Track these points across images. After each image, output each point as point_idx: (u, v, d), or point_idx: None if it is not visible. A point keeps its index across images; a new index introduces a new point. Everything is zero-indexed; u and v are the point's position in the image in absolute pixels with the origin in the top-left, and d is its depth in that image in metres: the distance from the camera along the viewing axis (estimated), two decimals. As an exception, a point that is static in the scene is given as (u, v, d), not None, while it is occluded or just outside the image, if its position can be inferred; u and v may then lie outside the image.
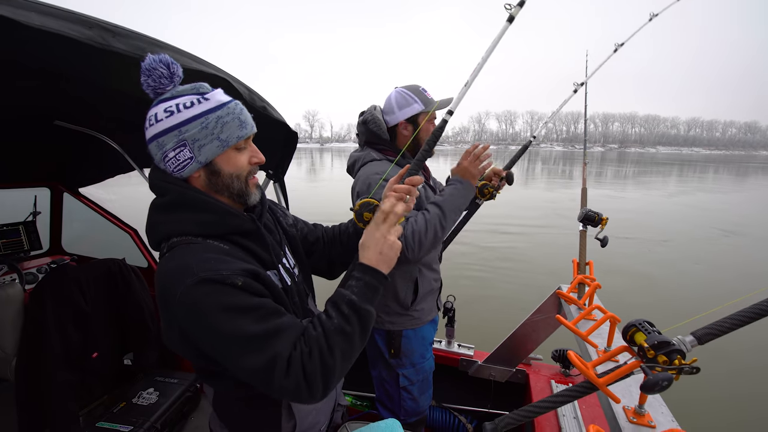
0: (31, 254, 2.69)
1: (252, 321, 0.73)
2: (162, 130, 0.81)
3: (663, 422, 0.81)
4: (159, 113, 0.81)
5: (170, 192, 0.84)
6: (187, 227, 0.83)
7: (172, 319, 0.77)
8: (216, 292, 0.72)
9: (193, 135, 0.80)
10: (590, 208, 1.58)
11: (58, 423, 1.71)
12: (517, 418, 0.81)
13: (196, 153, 0.82)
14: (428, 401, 1.73)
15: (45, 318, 1.71)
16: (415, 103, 1.51)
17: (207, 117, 0.81)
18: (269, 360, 0.71)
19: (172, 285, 0.74)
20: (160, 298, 0.77)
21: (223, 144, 0.83)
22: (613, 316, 1.03)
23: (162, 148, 0.82)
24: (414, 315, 1.61)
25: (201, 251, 0.79)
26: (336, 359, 0.76)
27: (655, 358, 0.70)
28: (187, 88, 0.83)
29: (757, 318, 0.70)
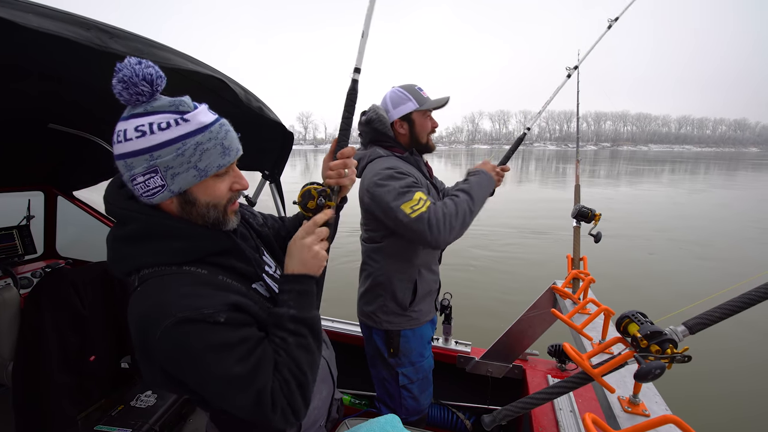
0: (26, 258, 2.67)
1: (236, 360, 0.70)
2: (130, 151, 0.70)
3: (657, 411, 0.83)
4: (129, 131, 0.70)
5: (134, 221, 0.75)
6: (158, 258, 0.75)
7: (153, 361, 0.72)
8: (197, 332, 0.68)
9: (166, 162, 0.71)
10: (584, 204, 1.61)
11: (56, 427, 1.70)
12: (514, 410, 0.83)
13: (168, 182, 0.72)
14: (429, 399, 1.74)
15: (42, 322, 1.70)
16: (410, 101, 1.52)
17: (184, 142, 0.71)
18: (255, 396, 0.71)
19: (149, 326, 0.68)
20: (137, 341, 0.71)
21: (201, 174, 0.74)
22: (607, 309, 1.05)
23: (130, 169, 0.72)
24: (412, 315, 1.62)
25: (177, 285, 0.72)
26: (307, 375, 0.77)
27: (648, 348, 0.72)
28: (165, 103, 0.73)
29: (746, 307, 0.72)
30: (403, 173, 1.43)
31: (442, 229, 1.31)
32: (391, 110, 1.55)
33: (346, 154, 0.94)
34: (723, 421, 2.99)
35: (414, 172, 1.51)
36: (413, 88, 1.56)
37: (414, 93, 1.54)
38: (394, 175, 1.41)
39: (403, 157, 1.56)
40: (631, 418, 0.81)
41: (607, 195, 15.45)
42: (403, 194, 1.36)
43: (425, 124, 1.56)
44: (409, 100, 1.53)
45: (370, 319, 1.65)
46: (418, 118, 1.55)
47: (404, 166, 1.49)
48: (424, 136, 1.58)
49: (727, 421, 3.01)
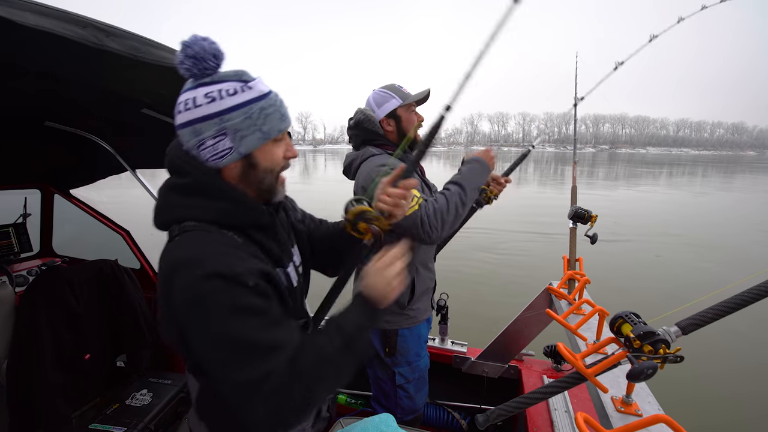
0: (22, 256, 2.66)
1: (257, 328, 0.68)
2: (201, 116, 0.75)
3: (649, 411, 0.84)
4: (198, 98, 0.75)
5: (191, 175, 0.78)
6: (204, 213, 0.78)
7: (173, 310, 0.71)
8: (225, 289, 0.67)
9: (235, 125, 0.75)
10: (580, 205, 1.62)
11: (50, 425, 1.69)
12: (508, 409, 0.83)
13: (236, 143, 0.77)
14: (424, 399, 1.75)
15: (37, 320, 1.70)
16: (393, 99, 1.56)
17: (251, 107, 0.76)
18: (262, 376, 0.65)
19: (179, 273, 0.69)
20: (163, 286, 0.71)
21: (265, 136, 0.78)
22: (602, 310, 1.05)
23: (198, 134, 0.76)
24: (410, 314, 1.62)
25: (215, 242, 0.75)
26: (318, 393, 0.71)
27: (641, 348, 0.72)
28: (230, 73, 0.78)
29: (739, 308, 0.73)
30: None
31: (434, 225, 1.33)
32: (376, 110, 1.58)
33: (409, 185, 0.94)
34: (720, 424, 3.01)
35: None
36: (394, 86, 1.59)
37: (395, 90, 1.58)
38: (388, 172, 1.42)
39: (400, 157, 1.57)
40: (624, 417, 0.82)
41: (604, 197, 15.49)
42: None
43: (411, 119, 1.59)
44: (392, 98, 1.56)
45: None
46: (403, 113, 1.57)
47: (397, 163, 1.50)
48: (412, 131, 1.60)
49: (725, 423, 3.03)
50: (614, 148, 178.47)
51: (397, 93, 1.57)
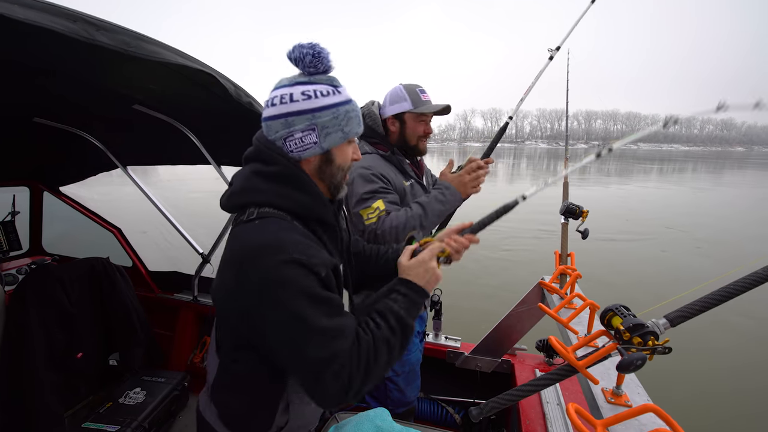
0: (10, 255, 2.63)
1: (325, 314, 0.75)
2: (295, 111, 0.82)
3: (639, 402, 0.86)
4: (296, 94, 0.82)
5: (280, 164, 0.85)
6: (284, 202, 0.84)
7: (242, 286, 0.77)
8: (301, 276, 0.74)
9: (324, 122, 0.83)
10: (571, 201, 1.63)
11: (41, 424, 1.68)
12: (501, 402, 0.84)
13: (321, 139, 0.84)
14: (415, 392, 1.76)
15: (27, 318, 1.68)
16: (405, 102, 1.51)
17: (338, 109, 0.85)
18: (330, 356, 0.72)
19: (260, 255, 0.75)
20: (237, 261, 0.78)
21: (344, 136, 0.87)
22: (593, 303, 1.07)
23: (289, 127, 0.83)
24: None
25: (293, 232, 0.81)
26: (379, 368, 0.78)
27: (631, 340, 0.74)
28: (323, 77, 0.85)
29: (724, 300, 0.75)
30: (376, 176, 1.46)
31: (388, 239, 1.38)
32: (387, 106, 1.56)
33: (473, 241, 1.01)
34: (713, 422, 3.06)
35: (390, 173, 1.53)
36: (414, 89, 1.54)
37: (412, 94, 1.52)
38: (367, 176, 1.45)
39: (385, 155, 1.57)
40: (614, 408, 0.83)
41: (597, 193, 15.63)
42: (365, 200, 1.42)
43: (416, 128, 1.55)
44: (404, 100, 1.51)
45: None
46: (410, 120, 1.54)
47: (382, 167, 1.51)
48: (414, 139, 1.57)
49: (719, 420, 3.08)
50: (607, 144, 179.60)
51: (411, 96, 1.51)
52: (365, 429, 0.99)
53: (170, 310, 2.54)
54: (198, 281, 2.48)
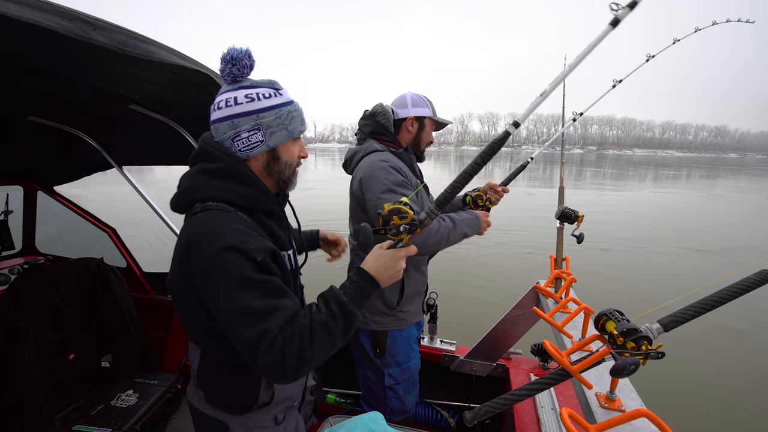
0: (3, 254, 2.60)
1: (257, 296, 0.80)
2: (240, 113, 0.89)
3: (632, 407, 0.86)
4: (239, 97, 0.89)
5: (222, 161, 0.91)
6: (226, 195, 0.90)
7: (188, 274, 0.84)
8: (236, 261, 0.80)
9: (268, 122, 0.91)
10: (567, 205, 1.64)
11: (31, 427, 1.66)
12: (495, 406, 0.84)
13: (266, 138, 0.92)
14: (414, 400, 1.75)
15: (19, 318, 1.66)
16: (426, 108, 1.64)
17: (281, 109, 0.92)
18: (259, 334, 0.77)
19: (200, 243, 0.82)
20: (183, 252, 0.85)
21: (289, 134, 0.94)
22: (587, 308, 1.07)
23: (236, 128, 0.90)
24: (399, 316, 1.63)
25: (233, 221, 0.87)
26: (314, 351, 0.80)
27: (624, 345, 0.74)
28: (264, 81, 0.93)
29: (717, 305, 0.75)
30: (396, 169, 1.47)
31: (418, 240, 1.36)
32: (410, 107, 1.62)
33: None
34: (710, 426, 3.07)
35: (406, 169, 1.55)
36: (430, 100, 1.68)
37: (430, 103, 1.67)
38: (388, 169, 1.46)
39: (397, 153, 1.59)
40: (608, 413, 0.83)
41: (588, 198, 15.71)
42: (391, 191, 1.40)
43: (430, 134, 1.69)
44: (426, 106, 1.64)
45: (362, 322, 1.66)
46: (428, 125, 1.67)
47: (398, 162, 1.52)
48: (424, 144, 1.70)
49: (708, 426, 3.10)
50: (602, 149, 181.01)
51: (431, 106, 1.66)
52: (359, 433, 0.99)
53: (164, 311, 2.52)
54: None
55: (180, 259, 0.86)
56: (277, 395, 1.04)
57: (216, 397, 1.02)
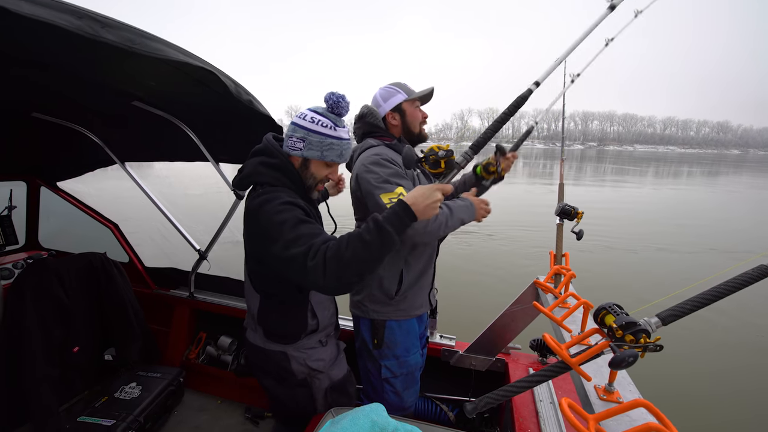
0: (7, 249, 2.62)
1: (305, 228, 1.07)
2: (301, 125, 1.21)
3: (630, 398, 0.87)
4: (308, 116, 1.21)
5: (279, 158, 1.23)
6: (277, 182, 1.21)
7: (258, 231, 1.13)
8: (292, 209, 1.11)
9: (311, 141, 1.21)
10: (567, 202, 1.65)
11: (37, 418, 1.68)
12: (495, 397, 0.86)
13: (304, 149, 1.22)
14: (413, 398, 1.73)
15: (24, 312, 1.68)
16: (398, 93, 1.60)
17: (326, 138, 1.21)
18: (307, 248, 1.02)
19: (266, 205, 1.11)
20: (253, 216, 1.14)
21: (321, 156, 1.23)
22: (586, 302, 1.08)
23: (293, 132, 1.22)
24: (399, 306, 1.62)
25: (285, 193, 1.18)
26: (349, 255, 0.99)
27: (623, 338, 0.75)
28: (333, 116, 1.22)
29: (715, 300, 0.76)
30: (389, 161, 1.48)
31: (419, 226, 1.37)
32: (382, 104, 1.61)
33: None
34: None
35: (398, 160, 1.54)
36: (400, 83, 1.64)
37: (401, 86, 1.63)
38: (381, 162, 1.47)
39: (391, 144, 1.60)
40: (606, 404, 0.85)
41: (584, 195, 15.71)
42: (386, 183, 1.42)
43: (416, 114, 1.63)
44: (397, 92, 1.60)
45: (358, 308, 1.67)
46: (408, 107, 1.61)
47: (391, 154, 1.53)
48: (416, 125, 1.65)
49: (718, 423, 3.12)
50: (602, 145, 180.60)
51: (402, 89, 1.61)
52: (361, 423, 1.00)
53: (166, 306, 2.54)
54: (194, 278, 2.48)
55: (251, 223, 1.16)
56: (320, 322, 1.37)
57: (274, 332, 1.35)
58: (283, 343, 1.35)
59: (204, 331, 2.51)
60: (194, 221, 3.24)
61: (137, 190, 2.44)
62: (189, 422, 2.13)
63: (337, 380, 1.47)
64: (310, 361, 1.38)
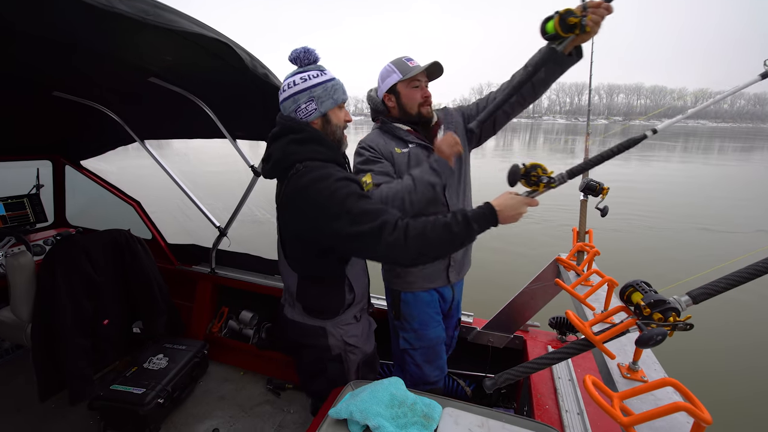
0: (37, 227, 2.72)
1: (369, 203, 1.07)
2: (298, 90, 1.17)
3: (655, 377, 0.85)
4: (296, 80, 1.18)
5: (306, 131, 1.18)
6: (315, 155, 1.16)
7: (307, 212, 1.10)
8: (350, 185, 1.09)
9: (318, 94, 1.18)
10: (592, 178, 1.59)
11: (74, 384, 1.78)
12: (515, 374, 0.85)
13: (319, 106, 1.19)
14: (437, 372, 1.70)
15: (56, 286, 1.75)
16: (394, 74, 1.49)
17: (326, 84, 1.19)
18: (381, 223, 1.02)
19: (319, 183, 1.07)
20: (301, 197, 1.10)
21: (335, 102, 1.21)
22: (611, 280, 1.05)
23: (296, 102, 1.18)
24: (407, 279, 1.62)
25: (330, 167, 1.14)
26: (433, 237, 1.02)
27: (651, 316, 0.72)
28: (312, 66, 1.20)
29: (752, 278, 0.72)
30: (364, 148, 1.50)
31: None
32: (380, 85, 1.55)
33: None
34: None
35: (381, 142, 1.52)
36: (400, 60, 1.50)
37: (399, 64, 1.49)
38: (357, 151, 1.51)
39: (378, 126, 1.59)
40: (630, 383, 0.83)
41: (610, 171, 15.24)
42: (358, 172, 1.46)
43: (412, 95, 1.50)
44: (393, 72, 1.49)
45: (385, 279, 1.71)
46: (402, 89, 1.50)
47: (373, 138, 1.53)
48: (414, 107, 1.52)
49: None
50: (628, 120, 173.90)
51: (399, 67, 1.48)
52: (380, 396, 1.01)
53: (189, 281, 2.62)
54: (215, 254, 2.53)
55: (301, 201, 1.11)
56: (356, 296, 1.38)
57: (313, 308, 1.36)
58: (322, 318, 1.37)
59: (226, 306, 2.58)
60: (214, 198, 3.29)
61: (157, 169, 2.47)
62: (214, 392, 2.22)
63: (369, 354, 1.51)
64: (347, 337, 1.41)
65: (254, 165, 2.06)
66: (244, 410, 2.10)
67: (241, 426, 2.00)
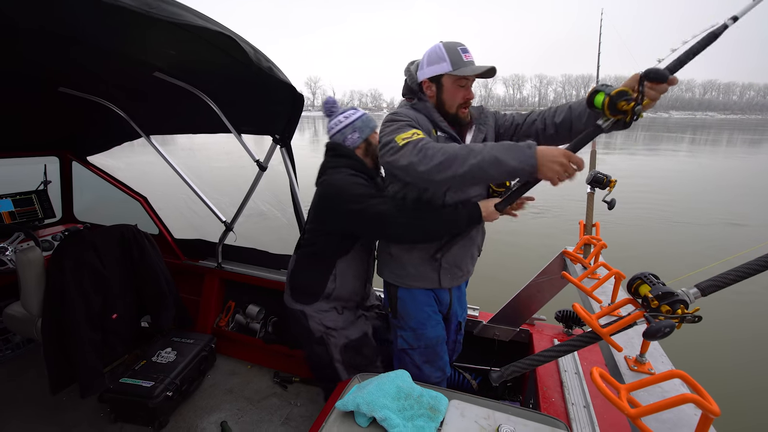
0: (45, 222, 2.75)
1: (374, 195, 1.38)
2: (346, 125, 1.55)
3: (662, 370, 0.85)
4: (341, 119, 1.56)
5: (348, 157, 1.52)
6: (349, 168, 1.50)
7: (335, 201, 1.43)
8: (361, 184, 1.44)
9: (358, 126, 1.55)
10: (599, 170, 1.57)
11: (84, 377, 1.80)
12: (522, 366, 0.85)
13: (361, 134, 1.55)
14: (437, 373, 1.61)
15: (65, 281, 1.77)
16: (444, 62, 1.30)
17: (361, 118, 1.56)
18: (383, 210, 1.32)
19: (340, 182, 1.43)
20: (328, 191, 1.47)
21: (370, 130, 1.57)
22: (618, 272, 1.04)
23: (344, 135, 1.55)
24: (399, 273, 1.53)
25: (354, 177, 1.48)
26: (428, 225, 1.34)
27: (659, 308, 0.72)
28: (349, 108, 1.59)
29: (761, 270, 0.72)
30: (400, 116, 1.33)
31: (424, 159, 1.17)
32: (424, 68, 1.36)
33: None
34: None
35: (414, 115, 1.37)
36: (455, 48, 1.30)
37: (453, 53, 1.29)
38: (392, 119, 1.33)
39: (412, 104, 1.43)
40: (636, 375, 0.83)
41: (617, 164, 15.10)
42: (397, 129, 1.27)
43: (456, 94, 1.35)
44: (443, 61, 1.30)
45: (379, 271, 1.63)
46: (448, 83, 1.34)
47: (405, 111, 1.37)
48: (453, 106, 1.37)
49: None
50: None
51: (452, 56, 1.29)
52: (387, 388, 1.02)
53: (196, 276, 2.64)
54: (222, 248, 2.55)
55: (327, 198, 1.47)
56: (336, 292, 1.59)
57: (296, 290, 1.61)
58: (302, 303, 1.59)
59: (233, 300, 2.60)
60: (219, 193, 3.30)
61: (163, 164, 2.48)
62: (222, 385, 2.24)
63: (353, 339, 1.65)
64: (326, 321, 1.59)
65: (260, 159, 2.07)
66: (252, 403, 2.12)
67: (248, 418, 2.02)
